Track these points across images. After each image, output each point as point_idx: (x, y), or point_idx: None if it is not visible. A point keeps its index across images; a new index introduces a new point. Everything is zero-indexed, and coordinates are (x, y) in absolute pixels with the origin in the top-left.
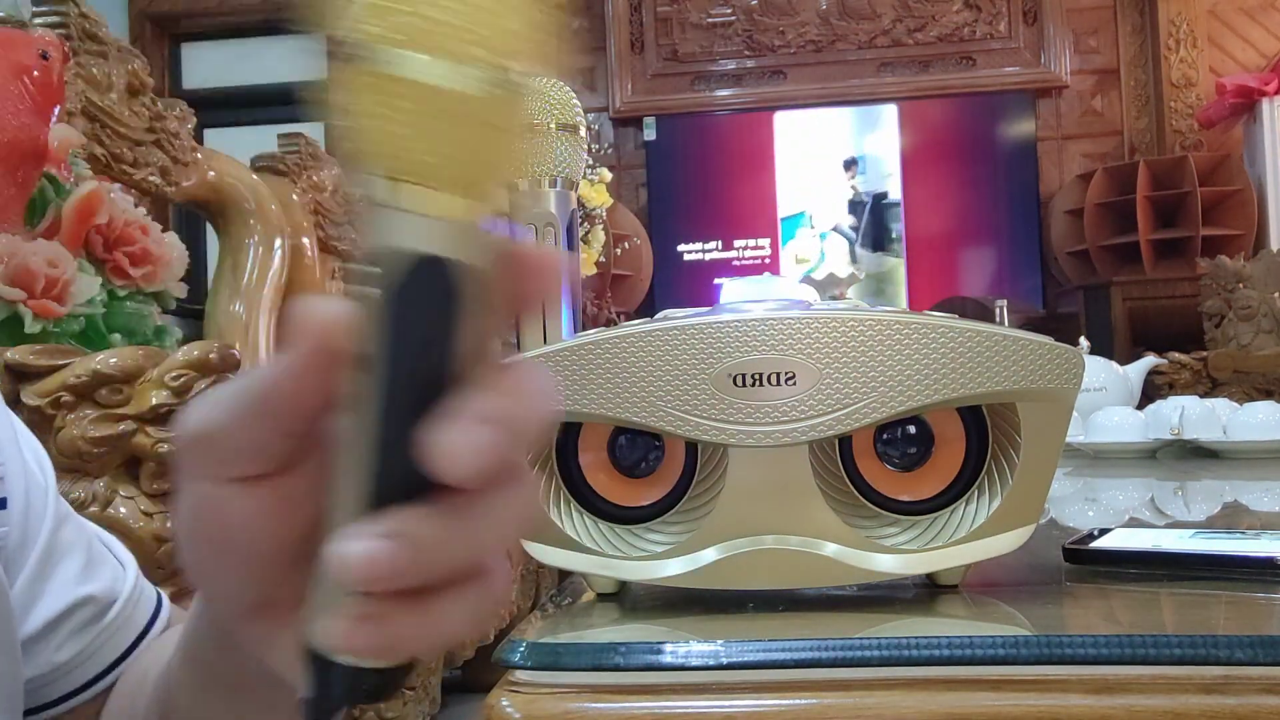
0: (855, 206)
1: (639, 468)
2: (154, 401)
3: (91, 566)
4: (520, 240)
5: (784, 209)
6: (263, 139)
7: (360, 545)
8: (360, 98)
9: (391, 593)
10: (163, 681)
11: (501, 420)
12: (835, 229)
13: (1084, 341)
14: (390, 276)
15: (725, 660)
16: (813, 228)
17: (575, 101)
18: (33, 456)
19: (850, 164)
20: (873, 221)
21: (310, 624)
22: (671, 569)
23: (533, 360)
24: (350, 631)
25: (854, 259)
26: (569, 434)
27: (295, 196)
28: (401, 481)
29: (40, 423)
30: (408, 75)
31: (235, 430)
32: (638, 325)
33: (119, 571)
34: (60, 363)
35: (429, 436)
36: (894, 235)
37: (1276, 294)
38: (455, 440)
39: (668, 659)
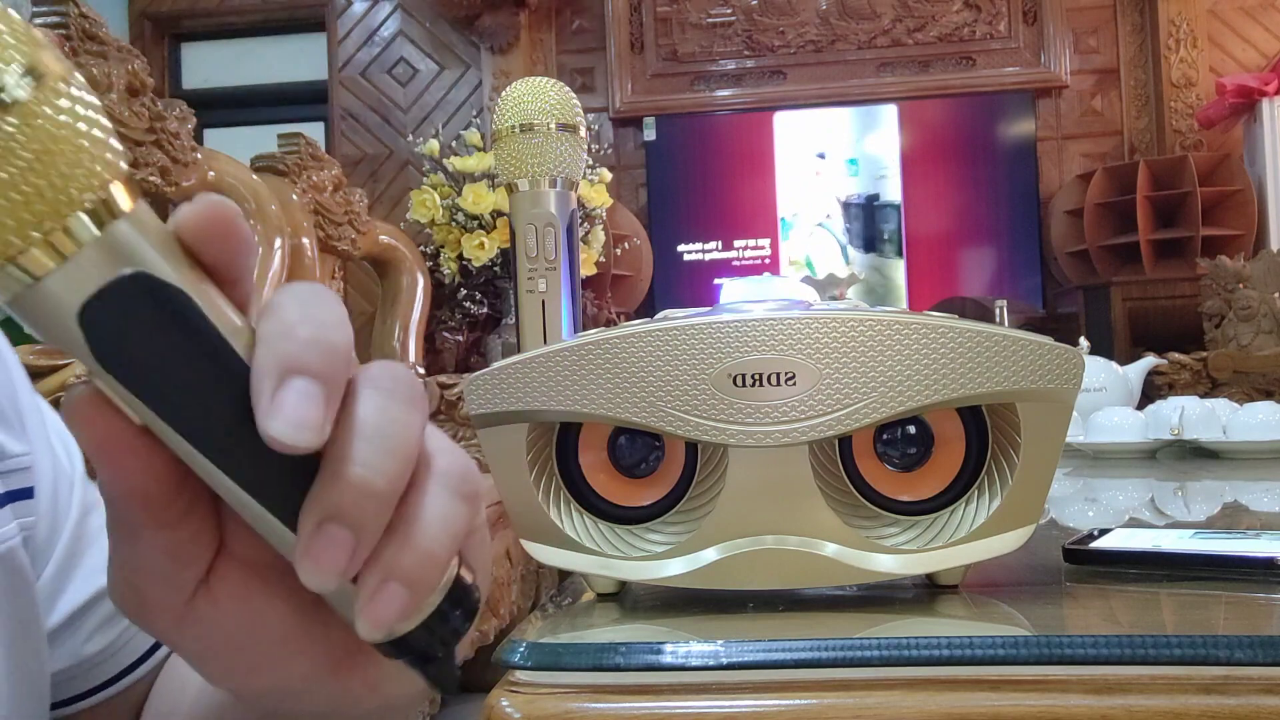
0: (847, 208)
1: (639, 468)
2: None
3: None
4: (197, 203)
5: (784, 209)
6: (263, 139)
7: (312, 560)
8: None
9: (370, 554)
10: None
11: (288, 361)
12: (820, 225)
13: (1084, 341)
14: (89, 336)
15: (725, 660)
16: (799, 228)
17: (575, 101)
18: (60, 443)
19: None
20: (865, 223)
21: (362, 633)
22: (671, 569)
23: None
24: (385, 609)
25: (846, 260)
26: (569, 434)
27: (295, 196)
28: (282, 476)
29: None
30: None
31: (146, 571)
32: (638, 325)
33: None
34: (60, 363)
35: (265, 432)
36: (886, 236)
37: (1276, 294)
38: (278, 422)
39: (668, 659)
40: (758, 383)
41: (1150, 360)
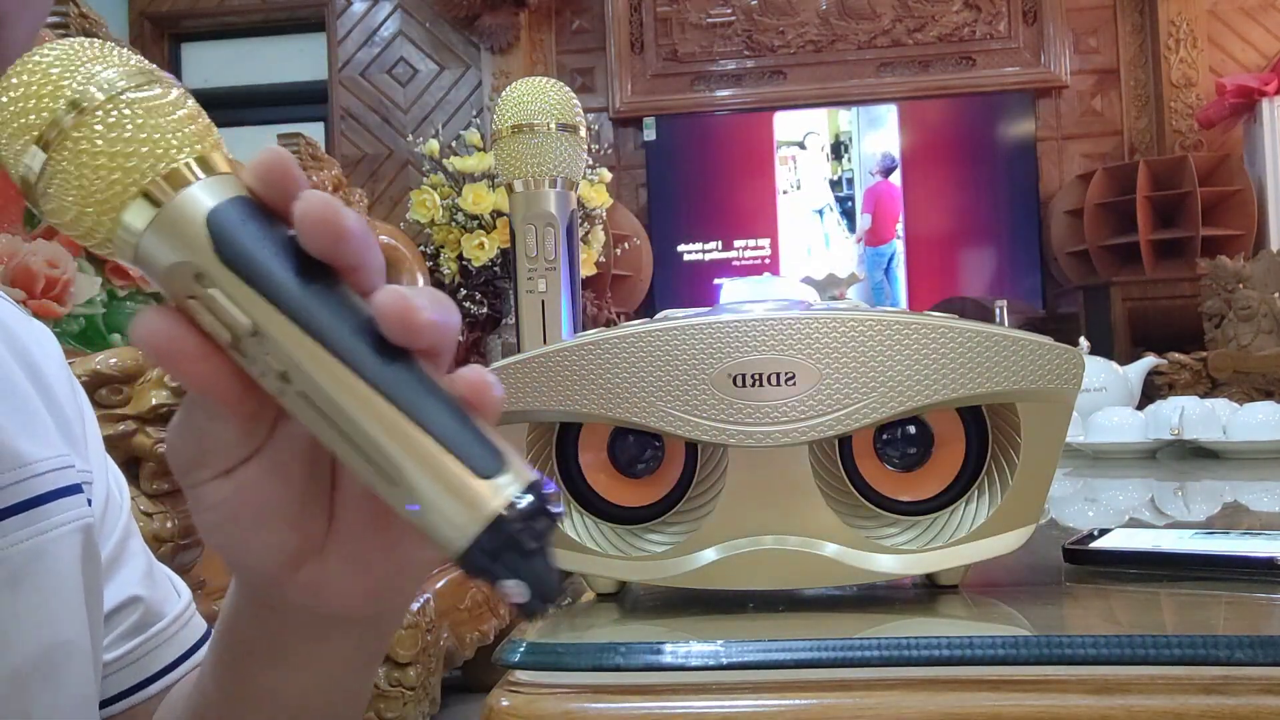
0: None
1: (639, 468)
2: (154, 401)
3: (151, 577)
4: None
5: (784, 211)
6: (263, 139)
7: (480, 380)
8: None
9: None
10: (195, 689)
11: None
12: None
13: (1084, 341)
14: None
15: (725, 660)
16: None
17: (575, 101)
18: (114, 480)
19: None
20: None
21: (443, 530)
22: (671, 569)
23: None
24: (483, 386)
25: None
26: (569, 434)
27: None
28: (363, 336)
29: None
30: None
31: (194, 444)
32: (638, 325)
33: (173, 596)
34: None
35: (382, 315)
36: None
37: (1276, 294)
38: (399, 302)
39: (668, 659)
40: (758, 383)
41: (1150, 360)
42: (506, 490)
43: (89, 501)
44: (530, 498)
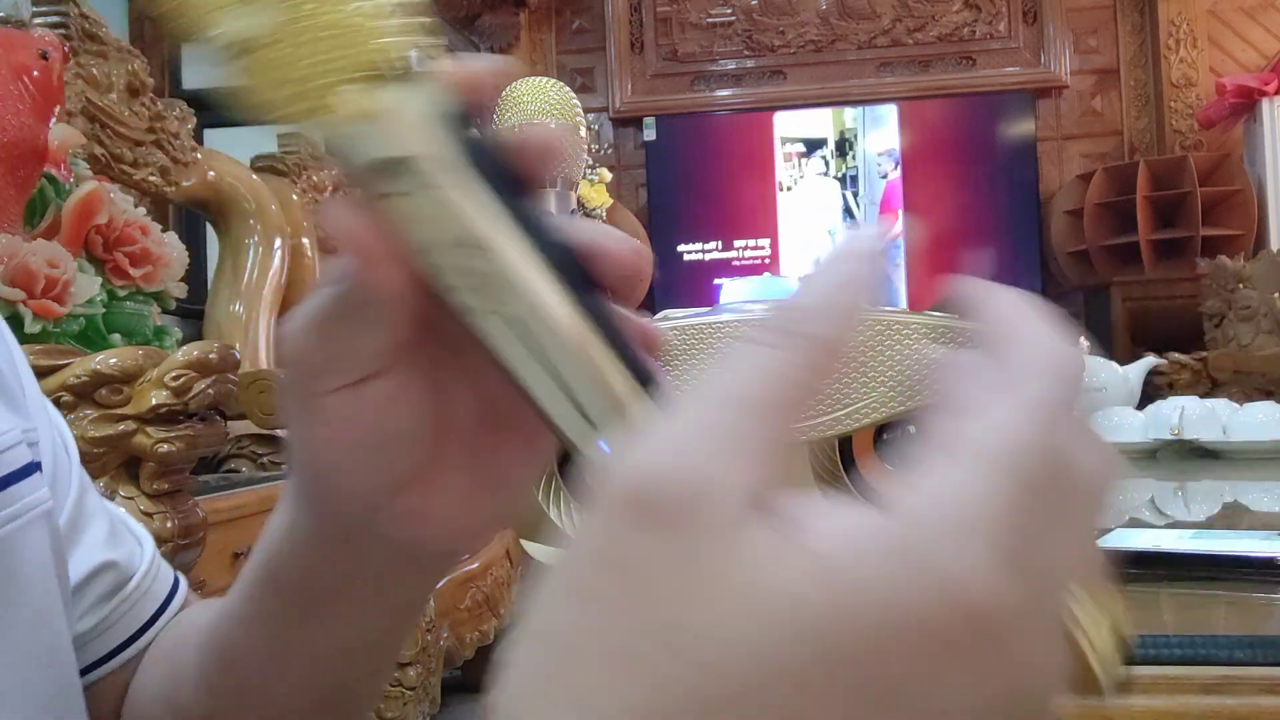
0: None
1: None
2: (154, 401)
3: (114, 535)
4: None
5: (784, 211)
6: (263, 139)
7: (653, 326)
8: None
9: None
10: (216, 635)
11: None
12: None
13: (1084, 342)
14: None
15: None
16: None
17: (575, 101)
18: (57, 428)
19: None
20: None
21: (602, 454)
22: None
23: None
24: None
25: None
26: None
27: (295, 196)
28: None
29: None
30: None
31: (330, 349)
32: None
33: (136, 546)
34: (60, 363)
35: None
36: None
37: (1276, 294)
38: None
39: None
40: None
41: (1150, 360)
42: None
43: (40, 465)
44: None
